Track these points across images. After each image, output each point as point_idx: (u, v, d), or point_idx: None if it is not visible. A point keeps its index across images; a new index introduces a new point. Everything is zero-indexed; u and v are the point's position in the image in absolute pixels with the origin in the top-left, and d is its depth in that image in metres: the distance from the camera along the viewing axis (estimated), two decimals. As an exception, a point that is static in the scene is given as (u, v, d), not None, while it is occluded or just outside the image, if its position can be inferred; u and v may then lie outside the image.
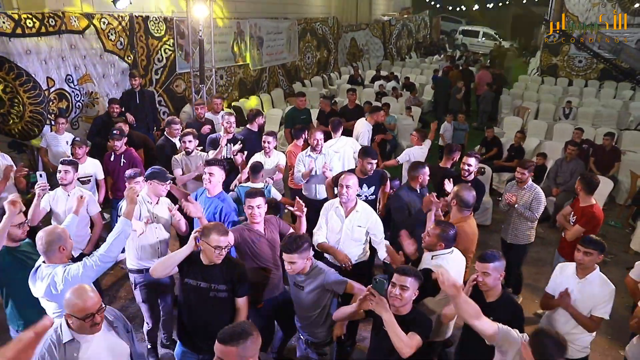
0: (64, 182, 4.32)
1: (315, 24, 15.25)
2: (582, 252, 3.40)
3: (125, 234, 3.12)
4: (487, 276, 3.00)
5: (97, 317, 2.42)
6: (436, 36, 27.42)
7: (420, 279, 2.84)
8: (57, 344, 2.41)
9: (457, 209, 3.95)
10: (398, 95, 12.81)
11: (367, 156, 4.65)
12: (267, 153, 5.52)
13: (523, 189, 5.02)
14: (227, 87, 11.27)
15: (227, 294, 3.06)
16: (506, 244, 5.24)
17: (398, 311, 2.79)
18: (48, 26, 6.84)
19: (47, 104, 6.97)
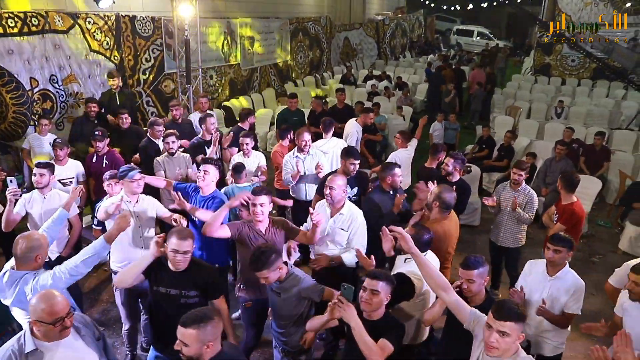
0: (40, 185, 4.24)
1: (308, 23, 15.18)
2: (551, 249, 3.37)
3: (99, 256, 3.06)
4: (472, 283, 2.94)
5: (67, 321, 2.36)
6: (431, 35, 27.37)
7: (392, 283, 2.77)
8: (19, 355, 2.32)
9: (437, 210, 3.86)
10: (390, 94, 12.74)
11: (349, 157, 4.58)
12: (246, 154, 5.46)
13: (517, 191, 4.95)
14: (218, 87, 11.19)
15: (198, 300, 3.00)
16: (496, 246, 5.18)
17: (370, 316, 2.73)
18: (31, 25, 6.75)
19: (31, 105, 6.89)
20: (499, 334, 2.29)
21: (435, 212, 3.88)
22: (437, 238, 3.63)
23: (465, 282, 2.94)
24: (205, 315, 2.29)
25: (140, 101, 8.90)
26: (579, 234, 4.79)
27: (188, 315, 2.30)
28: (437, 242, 3.66)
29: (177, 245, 2.92)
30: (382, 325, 2.71)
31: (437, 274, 2.75)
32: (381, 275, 2.73)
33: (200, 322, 2.23)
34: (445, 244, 3.84)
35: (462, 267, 2.96)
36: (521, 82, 15.27)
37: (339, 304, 2.59)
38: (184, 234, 2.97)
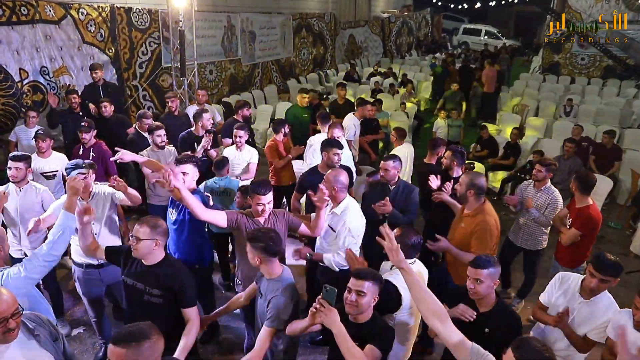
0: (15, 179, 4.01)
1: (312, 19, 14.94)
2: (597, 279, 2.82)
3: (69, 229, 2.84)
4: (480, 284, 2.63)
5: (12, 322, 2.13)
6: (438, 34, 27.05)
7: (380, 282, 2.51)
8: None
9: (474, 198, 3.63)
10: (395, 92, 12.49)
11: (332, 147, 4.33)
12: (239, 147, 5.24)
13: (540, 191, 4.64)
14: (217, 83, 10.97)
15: (161, 300, 2.78)
16: (512, 245, 4.89)
17: (355, 319, 2.48)
18: (20, 15, 6.56)
19: (21, 97, 6.69)
20: None
21: (471, 202, 3.65)
22: (486, 230, 3.49)
23: (473, 281, 2.63)
24: (141, 333, 1.96)
25: (137, 95, 8.69)
26: (594, 240, 4.46)
27: (120, 331, 2.03)
28: (485, 234, 3.50)
29: (133, 229, 2.79)
30: (369, 329, 2.46)
31: (431, 297, 2.23)
32: (367, 275, 2.47)
33: (133, 341, 1.91)
34: (494, 237, 3.59)
35: (471, 265, 2.67)
36: (529, 81, 14.96)
37: (320, 308, 2.34)
38: (142, 220, 2.81)
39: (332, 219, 3.62)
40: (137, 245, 2.74)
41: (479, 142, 8.54)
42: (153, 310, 2.78)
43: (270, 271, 2.78)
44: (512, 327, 2.64)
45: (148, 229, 2.75)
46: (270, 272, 2.78)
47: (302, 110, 7.34)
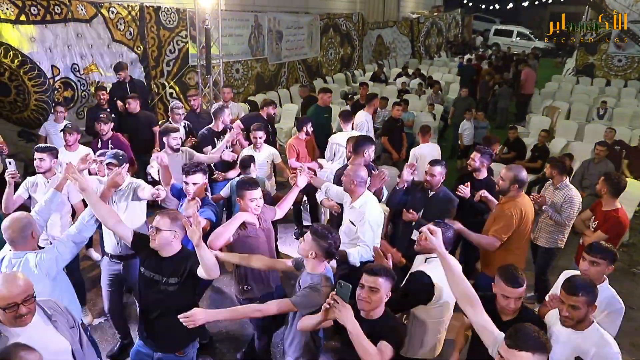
0: (40, 170, 4.13)
1: (339, 19, 14.91)
2: (587, 261, 2.96)
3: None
4: (516, 301, 2.60)
5: (23, 309, 2.20)
6: (468, 35, 26.63)
7: (393, 278, 2.48)
8: None
9: (515, 192, 3.71)
10: (422, 92, 12.35)
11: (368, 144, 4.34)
12: (258, 147, 5.25)
13: (557, 189, 4.60)
14: (244, 81, 11.06)
15: (177, 287, 2.80)
16: (533, 245, 4.80)
17: (368, 315, 2.46)
18: (53, 14, 6.76)
19: (52, 93, 6.89)
20: None
21: (512, 193, 3.74)
22: (508, 215, 3.64)
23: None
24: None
25: (164, 93, 8.84)
26: (616, 246, 4.31)
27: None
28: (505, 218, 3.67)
29: (154, 220, 2.83)
30: (381, 325, 2.45)
31: (466, 283, 2.35)
32: (380, 271, 2.46)
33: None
34: (513, 225, 3.67)
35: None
36: (561, 83, 14.55)
37: (334, 304, 2.32)
38: (163, 212, 2.87)
39: (352, 213, 3.65)
40: (156, 235, 2.78)
41: (506, 144, 8.35)
42: (167, 299, 2.81)
43: (317, 268, 2.80)
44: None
45: (168, 221, 2.79)
46: (316, 268, 2.80)
47: (324, 110, 7.33)
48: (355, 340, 2.29)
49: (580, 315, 2.42)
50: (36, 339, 2.27)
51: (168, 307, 2.81)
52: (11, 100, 6.76)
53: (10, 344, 2.11)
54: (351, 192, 3.65)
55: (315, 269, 2.78)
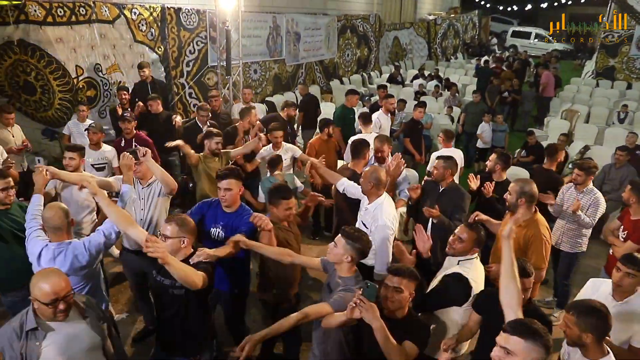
0: (69, 168, 4.22)
1: (356, 20, 14.93)
2: (622, 272, 2.86)
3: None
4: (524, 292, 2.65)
5: (63, 304, 2.28)
6: (485, 37, 26.43)
7: (417, 278, 2.54)
8: (20, 332, 2.28)
9: (525, 207, 3.54)
10: (439, 94, 12.32)
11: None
12: (276, 146, 5.33)
13: (581, 193, 4.56)
14: (261, 82, 11.14)
15: (183, 291, 2.77)
16: (553, 248, 4.75)
17: (392, 315, 2.52)
18: (79, 15, 6.90)
19: (76, 92, 7.03)
20: (503, 349, 1.99)
21: (523, 210, 3.54)
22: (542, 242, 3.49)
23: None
24: None
25: (183, 93, 8.96)
26: None
27: None
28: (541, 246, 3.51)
29: (162, 227, 2.87)
30: (405, 324, 2.51)
31: (518, 289, 2.34)
32: (404, 271, 2.52)
33: None
34: (549, 248, 3.57)
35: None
36: (580, 86, 14.37)
37: (360, 304, 2.35)
38: (170, 218, 2.88)
39: (366, 215, 3.68)
40: (164, 243, 2.72)
41: (524, 148, 8.28)
42: (177, 304, 2.82)
43: (349, 271, 2.79)
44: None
45: (176, 228, 2.78)
46: (349, 271, 2.79)
47: (350, 111, 7.36)
48: (380, 339, 2.32)
49: (572, 336, 2.38)
50: (71, 334, 2.38)
51: (178, 311, 2.83)
52: (36, 99, 6.92)
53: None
54: (368, 193, 3.68)
55: (348, 271, 2.78)
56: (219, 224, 3.37)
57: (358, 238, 2.73)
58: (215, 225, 3.38)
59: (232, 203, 3.37)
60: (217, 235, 3.37)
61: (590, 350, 2.38)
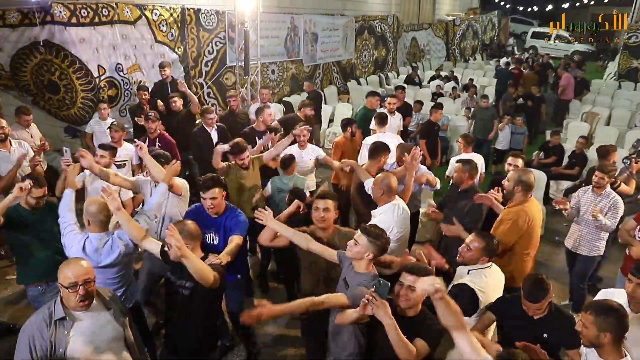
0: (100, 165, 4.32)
1: (374, 21, 14.92)
2: (634, 283, 2.79)
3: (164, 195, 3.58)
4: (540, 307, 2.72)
5: (82, 289, 2.37)
6: (504, 38, 26.13)
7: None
8: (49, 321, 2.38)
9: (520, 194, 3.71)
10: (456, 95, 12.25)
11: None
12: (302, 145, 5.35)
13: (599, 196, 4.51)
14: (279, 82, 11.22)
15: (189, 292, 2.86)
16: (572, 253, 4.74)
17: (404, 313, 2.55)
18: (101, 16, 7.05)
19: (98, 91, 7.19)
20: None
21: (517, 197, 3.75)
22: (513, 220, 3.60)
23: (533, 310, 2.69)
24: None
25: (202, 92, 9.08)
26: None
27: None
28: (511, 224, 3.62)
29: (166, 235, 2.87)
30: (418, 323, 2.53)
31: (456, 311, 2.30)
32: (420, 271, 2.54)
33: None
34: (519, 231, 3.63)
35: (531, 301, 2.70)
36: (602, 88, 14.12)
37: (372, 300, 2.38)
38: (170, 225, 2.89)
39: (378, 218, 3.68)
40: (171, 249, 2.73)
41: (543, 149, 8.19)
42: (183, 303, 2.90)
43: (368, 267, 2.83)
44: (568, 329, 2.65)
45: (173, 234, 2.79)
46: (368, 267, 2.82)
47: (371, 112, 7.32)
48: (391, 335, 2.35)
49: (589, 336, 2.35)
50: (96, 324, 2.48)
51: (183, 310, 2.91)
52: (59, 98, 7.09)
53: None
54: (379, 200, 3.72)
55: (366, 268, 2.82)
56: (211, 230, 3.51)
57: (379, 235, 2.78)
58: (208, 231, 3.49)
59: (219, 209, 3.50)
60: (212, 240, 3.50)
61: (607, 352, 2.35)
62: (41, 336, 2.35)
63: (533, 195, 3.83)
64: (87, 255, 3.02)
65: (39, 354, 2.33)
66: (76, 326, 2.41)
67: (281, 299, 4.73)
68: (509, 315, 2.83)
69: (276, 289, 5.09)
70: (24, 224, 3.56)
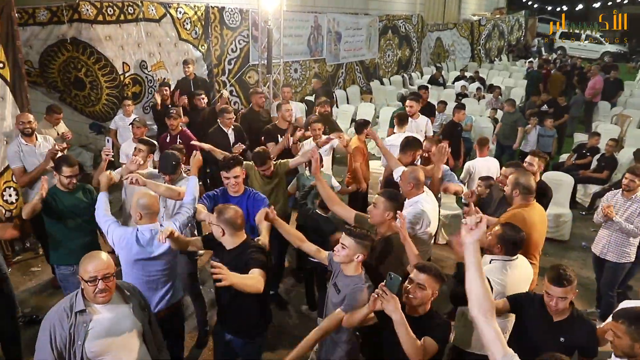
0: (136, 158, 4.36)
1: (398, 21, 14.79)
2: None
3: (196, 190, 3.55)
4: (562, 300, 2.58)
5: (102, 284, 2.38)
6: (531, 38, 25.59)
7: (442, 279, 2.54)
8: (70, 313, 2.41)
9: (520, 198, 3.61)
10: (481, 96, 12.04)
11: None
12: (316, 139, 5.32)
13: (629, 200, 4.36)
14: (302, 81, 11.21)
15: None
16: (600, 259, 4.59)
17: (413, 312, 2.51)
18: (127, 14, 7.14)
19: (122, 88, 7.28)
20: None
21: (517, 200, 3.64)
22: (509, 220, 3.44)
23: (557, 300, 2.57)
24: None
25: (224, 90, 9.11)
26: None
27: None
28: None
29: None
30: (426, 322, 2.50)
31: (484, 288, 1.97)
32: (430, 269, 2.52)
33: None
34: (533, 235, 3.50)
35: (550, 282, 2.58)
36: (633, 90, 13.71)
37: (382, 295, 2.35)
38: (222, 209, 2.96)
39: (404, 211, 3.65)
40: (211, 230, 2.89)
41: (578, 150, 7.95)
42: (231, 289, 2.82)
43: (357, 269, 2.78)
44: (590, 335, 2.60)
45: (215, 215, 2.92)
46: (357, 270, 2.79)
47: None
48: (400, 331, 2.32)
49: (623, 346, 2.25)
50: (114, 318, 2.49)
51: (233, 295, 2.87)
52: (85, 95, 7.21)
53: None
54: (407, 194, 3.70)
55: (355, 270, 2.77)
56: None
57: (365, 235, 2.73)
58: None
59: (240, 188, 3.68)
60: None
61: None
62: (61, 326, 2.37)
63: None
64: (142, 246, 3.11)
65: (58, 344, 2.35)
66: (95, 319, 2.43)
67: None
68: (528, 313, 2.75)
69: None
70: (59, 207, 3.71)
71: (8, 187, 5.12)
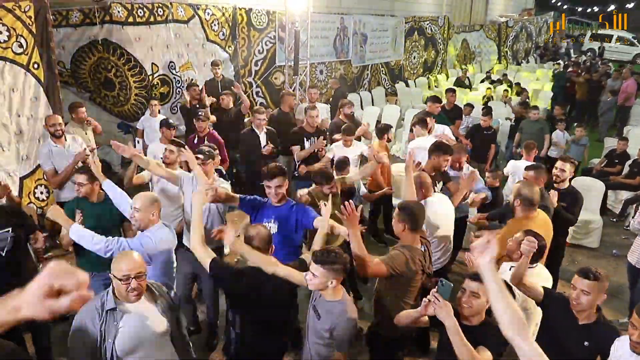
0: (167, 161, 4.39)
1: (424, 22, 14.67)
2: None
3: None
4: (585, 295, 2.55)
5: (134, 282, 2.42)
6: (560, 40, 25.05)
7: None
8: (100, 311, 2.44)
9: (521, 208, 3.63)
10: (508, 99, 11.82)
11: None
12: (346, 144, 5.33)
13: None
14: (327, 83, 11.20)
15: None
16: (634, 268, 4.45)
17: (468, 321, 2.47)
18: (157, 15, 7.26)
19: (151, 89, 7.40)
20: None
21: (518, 211, 3.67)
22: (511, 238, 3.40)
23: (579, 292, 2.56)
24: None
25: (251, 91, 9.19)
26: None
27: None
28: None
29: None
30: (481, 332, 2.43)
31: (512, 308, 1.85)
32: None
33: None
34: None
35: (579, 275, 2.59)
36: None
37: (435, 301, 2.31)
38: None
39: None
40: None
41: (608, 156, 7.74)
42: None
43: (337, 292, 2.63)
44: (612, 342, 2.55)
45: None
46: (336, 293, 2.63)
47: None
48: (453, 338, 2.27)
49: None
50: (143, 317, 2.51)
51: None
52: (114, 95, 7.35)
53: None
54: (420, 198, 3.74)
55: (335, 294, 2.62)
56: (270, 219, 3.54)
57: (333, 259, 2.51)
58: (267, 220, 3.53)
59: (282, 198, 3.57)
60: (270, 229, 3.37)
61: None
62: (92, 324, 2.41)
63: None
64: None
65: (90, 342, 2.39)
66: (125, 318, 2.46)
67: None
68: (556, 311, 2.72)
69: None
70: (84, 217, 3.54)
71: (40, 185, 5.26)
